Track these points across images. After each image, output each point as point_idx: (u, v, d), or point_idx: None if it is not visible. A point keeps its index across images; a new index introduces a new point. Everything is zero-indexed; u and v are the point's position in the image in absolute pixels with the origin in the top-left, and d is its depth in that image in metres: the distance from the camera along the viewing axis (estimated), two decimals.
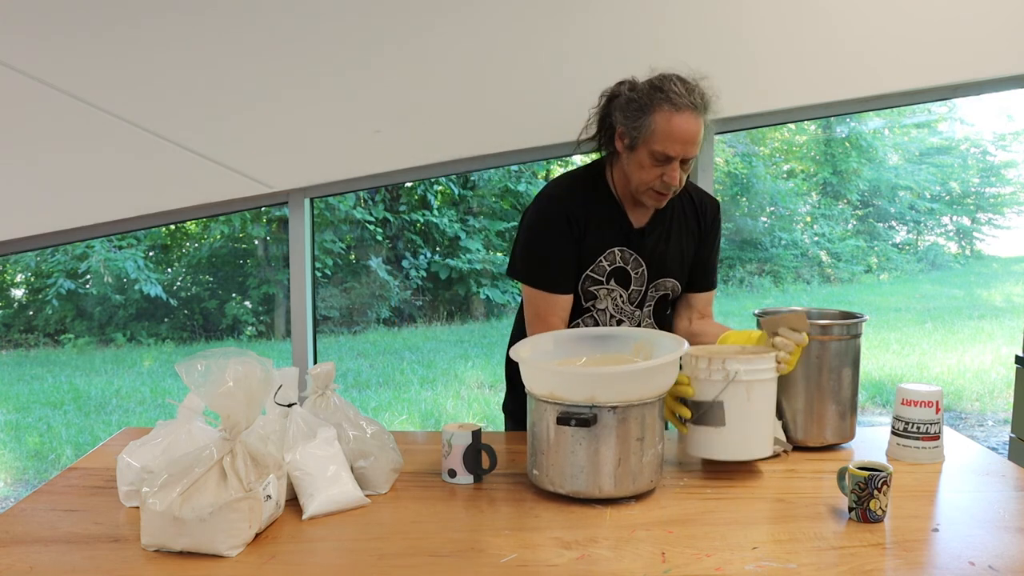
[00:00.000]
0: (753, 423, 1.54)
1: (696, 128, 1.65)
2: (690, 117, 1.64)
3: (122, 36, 2.11)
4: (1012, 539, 1.29)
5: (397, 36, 2.16)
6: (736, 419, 1.52)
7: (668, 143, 1.65)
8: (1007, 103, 15.37)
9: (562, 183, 1.84)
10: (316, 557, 1.25)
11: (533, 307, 1.82)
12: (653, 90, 1.67)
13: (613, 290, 1.82)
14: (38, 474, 5.11)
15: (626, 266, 1.81)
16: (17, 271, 9.38)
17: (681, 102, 1.63)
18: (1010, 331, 8.93)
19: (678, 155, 1.66)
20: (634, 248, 1.81)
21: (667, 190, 1.71)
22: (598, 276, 1.80)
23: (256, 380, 1.28)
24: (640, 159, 1.70)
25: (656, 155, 1.66)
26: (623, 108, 1.70)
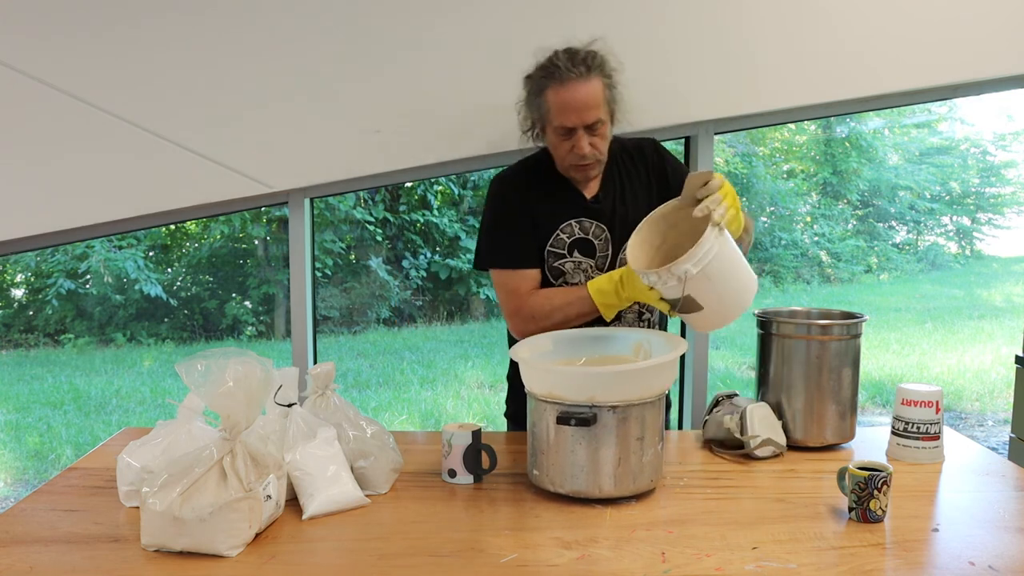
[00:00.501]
0: (726, 292, 1.55)
1: (585, 93, 1.66)
2: (577, 85, 1.65)
3: (122, 36, 2.11)
4: (1012, 539, 1.30)
5: (397, 36, 2.16)
6: (710, 299, 1.53)
7: (563, 116, 1.67)
8: (1007, 103, 15.37)
9: (512, 167, 1.88)
10: (316, 557, 1.25)
11: (504, 287, 1.81)
12: (540, 71, 1.70)
13: (580, 261, 1.81)
14: (38, 474, 5.11)
15: (587, 235, 1.81)
16: (17, 271, 9.38)
17: (565, 75, 1.65)
18: (1010, 331, 8.93)
19: (576, 124, 1.68)
20: (592, 216, 1.81)
21: (582, 160, 1.72)
22: (559, 250, 1.81)
23: (256, 380, 1.28)
24: (551, 140, 1.74)
25: (559, 131, 1.70)
26: (526, 98, 1.75)
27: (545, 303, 1.76)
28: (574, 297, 1.72)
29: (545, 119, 1.72)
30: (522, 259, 1.80)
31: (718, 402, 1.81)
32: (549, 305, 1.75)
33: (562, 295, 1.75)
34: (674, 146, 2.34)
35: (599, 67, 1.68)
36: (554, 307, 1.74)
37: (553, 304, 1.75)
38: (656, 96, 2.27)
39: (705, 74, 2.24)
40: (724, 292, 1.55)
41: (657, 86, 2.26)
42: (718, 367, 7.37)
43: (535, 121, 1.76)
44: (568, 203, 1.81)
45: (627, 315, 1.86)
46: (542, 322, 1.75)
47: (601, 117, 1.69)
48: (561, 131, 1.70)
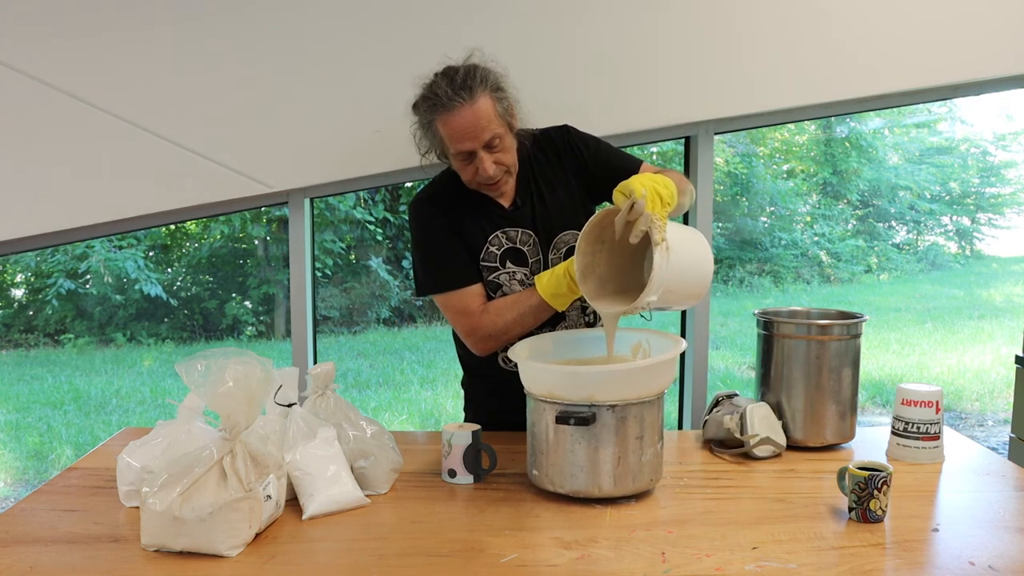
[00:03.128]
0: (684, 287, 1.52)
1: (473, 116, 1.61)
2: (463, 110, 1.60)
3: (122, 36, 2.11)
4: (1012, 539, 1.30)
5: (397, 36, 2.16)
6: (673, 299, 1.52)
7: (458, 143, 1.64)
8: (1007, 103, 15.36)
9: (425, 190, 1.84)
10: (316, 557, 1.25)
11: (452, 309, 1.77)
12: (424, 102, 1.66)
13: (514, 271, 1.78)
14: (38, 474, 5.11)
15: (515, 244, 1.78)
16: (17, 271, 9.38)
17: (448, 103, 1.61)
18: (1010, 331, 8.93)
19: (474, 148, 1.64)
20: (514, 224, 1.78)
21: (489, 180, 1.69)
22: (492, 263, 1.78)
23: (256, 380, 1.28)
24: (455, 164, 1.71)
25: (460, 156, 1.67)
26: (419, 129, 1.71)
27: (499, 320, 1.72)
28: (525, 307, 1.70)
29: (443, 148, 1.69)
30: (462, 278, 1.76)
31: (718, 402, 1.81)
32: (503, 321, 1.72)
33: (513, 308, 1.72)
34: (674, 146, 2.33)
35: (482, 83, 1.62)
36: (509, 322, 1.71)
37: (507, 319, 1.71)
38: (656, 96, 2.27)
39: (705, 74, 2.24)
40: (686, 288, 1.54)
41: (657, 86, 2.26)
42: (718, 367, 7.37)
43: (433, 147, 1.72)
44: (488, 215, 1.78)
45: (570, 313, 1.82)
46: (501, 338, 1.73)
47: (497, 132, 1.64)
48: (462, 156, 1.66)
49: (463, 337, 1.80)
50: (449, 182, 1.80)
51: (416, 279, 1.83)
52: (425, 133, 1.70)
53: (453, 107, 1.60)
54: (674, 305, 1.58)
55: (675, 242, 1.47)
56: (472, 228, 1.77)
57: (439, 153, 1.73)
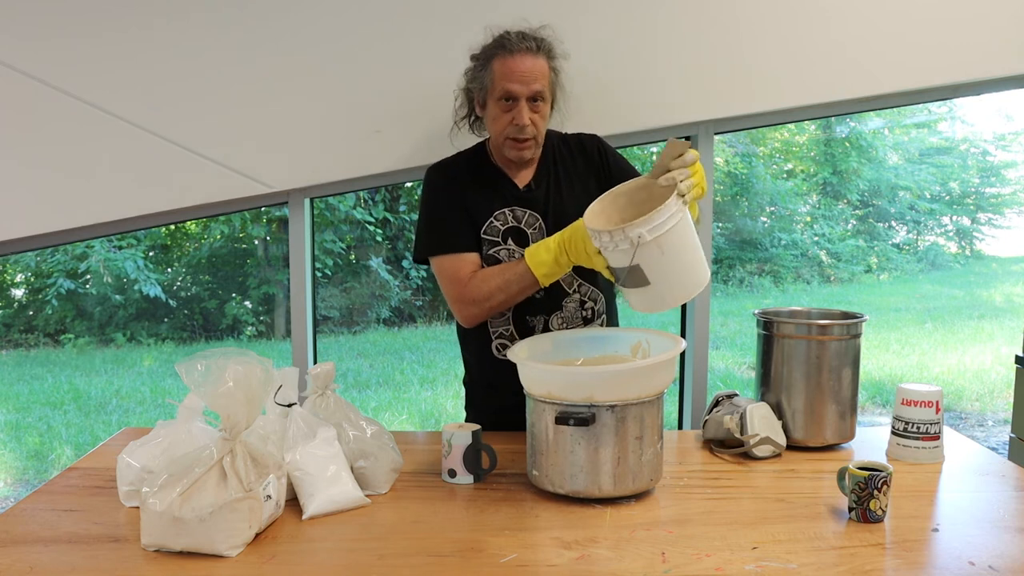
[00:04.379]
0: (676, 271, 1.50)
1: (533, 65, 1.69)
2: (526, 57, 1.69)
3: (122, 36, 2.11)
4: (1012, 539, 1.30)
5: (397, 36, 2.16)
6: (658, 275, 1.48)
7: (507, 82, 1.69)
8: (1007, 103, 15.36)
9: (440, 162, 1.88)
10: (316, 557, 1.25)
11: (445, 273, 1.78)
12: (489, 45, 1.73)
13: (514, 250, 1.80)
14: (38, 474, 5.11)
15: (520, 224, 1.80)
16: (17, 271, 9.37)
17: (515, 46, 1.69)
18: (1010, 331, 8.93)
19: (520, 93, 1.69)
20: (524, 205, 1.81)
21: (520, 134, 1.72)
22: (494, 237, 1.80)
23: (256, 380, 1.28)
24: (491, 111, 1.75)
25: (501, 100, 1.71)
26: (470, 74, 1.77)
27: (483, 285, 1.72)
28: (511, 274, 1.69)
29: (487, 90, 1.73)
30: (460, 243, 1.77)
31: (718, 402, 1.81)
32: (487, 287, 1.71)
33: (499, 274, 1.72)
34: None
35: (547, 50, 1.73)
36: (492, 288, 1.71)
37: (491, 285, 1.71)
38: (656, 96, 2.27)
39: (705, 74, 2.24)
40: (674, 270, 1.50)
41: (657, 86, 2.26)
42: (718, 367, 7.36)
43: (476, 97, 1.77)
44: (500, 192, 1.81)
45: (568, 304, 1.83)
46: (484, 304, 1.73)
47: (544, 93, 1.71)
48: (505, 98, 1.70)
49: (451, 303, 1.80)
50: (471, 157, 1.85)
51: (416, 242, 1.86)
52: (475, 77, 1.75)
53: (517, 50, 1.70)
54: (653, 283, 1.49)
55: (688, 221, 1.49)
56: (480, 199, 1.80)
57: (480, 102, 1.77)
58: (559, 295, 1.83)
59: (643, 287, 1.50)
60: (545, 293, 1.80)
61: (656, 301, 1.52)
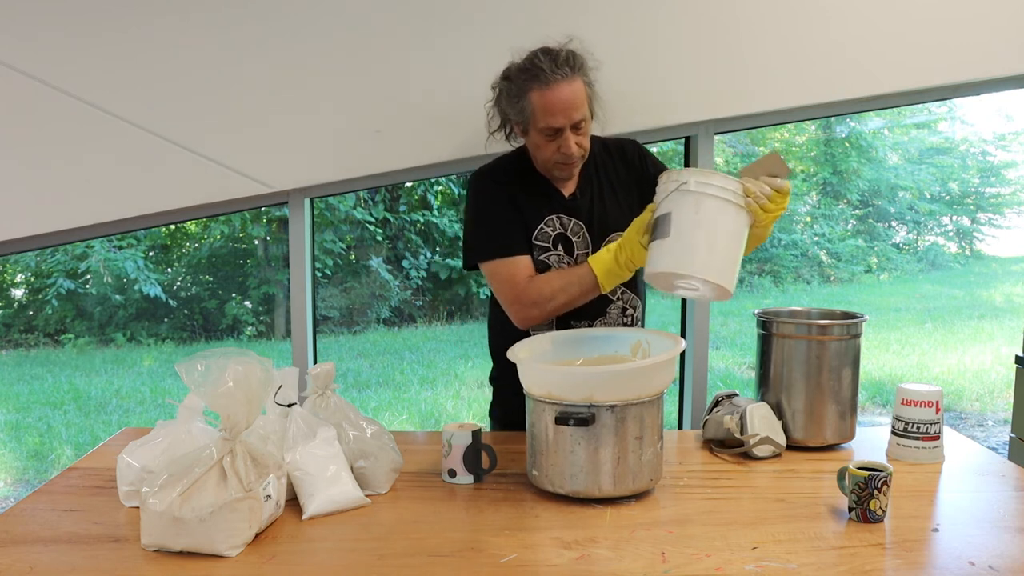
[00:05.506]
0: (700, 236, 1.45)
1: (570, 94, 1.67)
2: (562, 86, 1.66)
3: (122, 36, 2.11)
4: (1012, 539, 1.30)
5: (397, 36, 2.16)
6: (680, 230, 1.44)
7: (550, 117, 1.68)
8: (1007, 103, 15.36)
9: (489, 164, 1.88)
10: (316, 557, 1.25)
11: (499, 276, 1.79)
12: (521, 73, 1.70)
13: (562, 256, 1.82)
14: (38, 474, 5.11)
15: (566, 232, 1.81)
16: (17, 271, 9.37)
17: (548, 76, 1.66)
18: (1010, 331, 8.93)
19: (563, 125, 1.69)
20: (570, 213, 1.82)
21: (569, 160, 1.73)
22: (544, 243, 1.81)
23: (256, 380, 1.28)
24: (535, 140, 1.74)
25: (545, 132, 1.70)
26: (505, 98, 1.74)
27: (545, 287, 1.73)
28: (573, 276, 1.72)
29: (528, 121, 1.72)
30: (513, 246, 1.78)
31: (718, 402, 1.81)
32: (549, 288, 1.73)
33: (561, 277, 1.74)
34: (674, 146, 2.34)
35: (580, 67, 1.70)
36: (555, 289, 1.72)
37: (553, 287, 1.73)
38: (656, 96, 2.27)
39: (705, 74, 2.24)
40: (697, 237, 1.46)
41: (657, 86, 2.26)
42: (718, 367, 7.36)
43: (514, 122, 1.76)
44: (547, 200, 1.82)
45: (611, 311, 1.85)
46: (545, 306, 1.74)
47: (586, 115, 1.71)
48: (548, 132, 1.70)
49: (507, 307, 1.79)
50: (514, 163, 1.85)
51: (465, 249, 1.86)
52: (511, 104, 1.73)
53: (553, 81, 1.66)
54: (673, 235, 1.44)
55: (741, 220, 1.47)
56: (530, 205, 1.81)
57: (519, 127, 1.76)
58: (604, 301, 1.84)
59: (663, 239, 1.47)
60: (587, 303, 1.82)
61: (666, 257, 1.46)
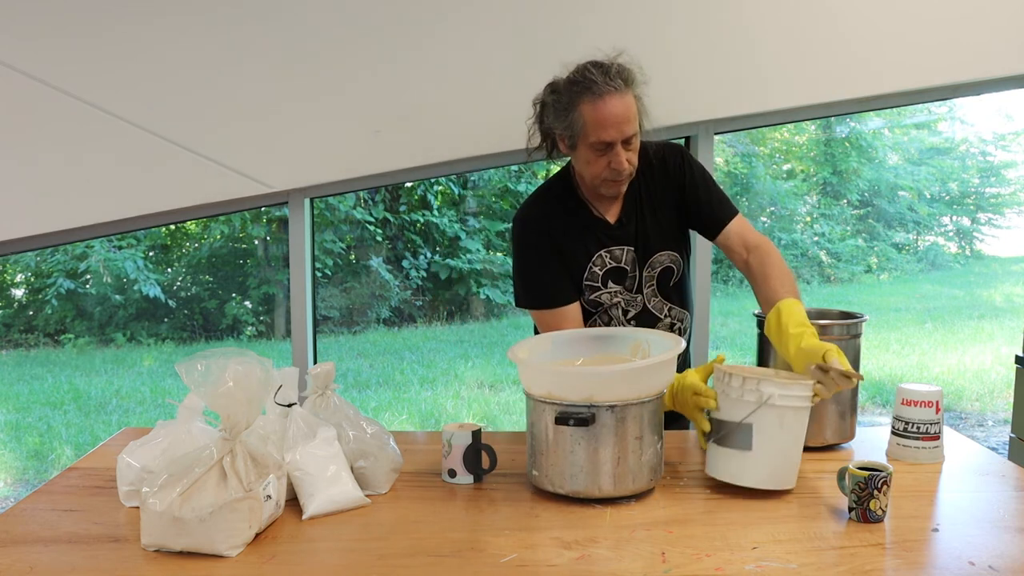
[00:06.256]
0: (782, 451, 1.47)
1: (623, 107, 1.64)
2: (614, 99, 1.63)
3: (122, 36, 2.11)
4: (1012, 539, 1.29)
5: (397, 36, 2.16)
6: (764, 445, 1.45)
7: (601, 131, 1.65)
8: (1007, 103, 15.37)
9: (531, 203, 1.86)
10: (316, 557, 1.25)
11: (546, 326, 1.81)
12: (572, 85, 1.67)
13: (615, 291, 1.83)
14: (38, 474, 5.11)
15: (618, 263, 1.81)
16: (17, 271, 9.38)
17: (601, 88, 1.63)
18: (1010, 331, 8.93)
19: (615, 139, 1.66)
20: (617, 242, 1.81)
21: (619, 176, 1.71)
22: (594, 283, 1.81)
23: (256, 380, 1.28)
24: (584, 155, 1.71)
25: (596, 146, 1.67)
26: (552, 112, 1.71)
27: None
28: None
29: (578, 135, 1.68)
30: (556, 299, 1.80)
31: None
32: None
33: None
34: None
35: (631, 81, 1.67)
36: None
37: None
38: (656, 96, 2.26)
39: (705, 74, 2.24)
40: (781, 447, 1.46)
41: (657, 86, 2.25)
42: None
43: (561, 137, 1.72)
44: (593, 233, 1.80)
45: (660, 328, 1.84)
46: None
47: (635, 130, 1.68)
48: (599, 146, 1.67)
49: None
50: (554, 194, 1.82)
51: (515, 292, 1.87)
52: (559, 117, 1.69)
53: (606, 93, 1.62)
54: (755, 449, 1.45)
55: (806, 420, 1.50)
56: (575, 247, 1.79)
57: (566, 142, 1.71)
58: (652, 322, 1.84)
59: (742, 450, 1.46)
60: (637, 320, 1.83)
61: (744, 471, 1.46)
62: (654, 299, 1.86)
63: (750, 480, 1.46)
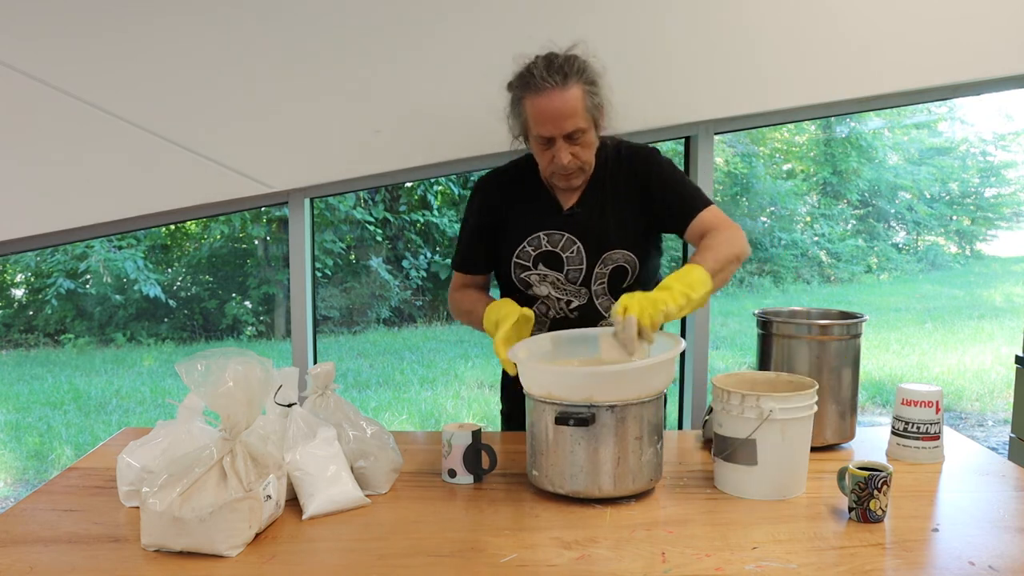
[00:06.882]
0: (788, 462, 1.48)
1: (562, 103, 1.62)
2: (553, 94, 1.62)
3: (122, 36, 2.11)
4: (1012, 539, 1.30)
5: (397, 36, 2.16)
6: (770, 458, 1.46)
7: (540, 126, 1.66)
8: (1007, 103, 15.38)
9: (497, 171, 1.90)
10: (316, 557, 1.25)
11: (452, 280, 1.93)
12: (518, 79, 1.69)
13: (546, 274, 1.80)
14: (38, 474, 5.11)
15: (555, 248, 1.79)
16: (17, 271, 9.38)
17: (538, 84, 1.63)
18: (1010, 331, 8.93)
19: (553, 134, 1.66)
20: (564, 228, 1.79)
21: (564, 170, 1.71)
22: (524, 261, 1.81)
23: (256, 380, 1.28)
24: (534, 148, 1.74)
25: (538, 140, 1.69)
26: (509, 108, 1.74)
27: (458, 305, 1.89)
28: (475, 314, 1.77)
29: (526, 129, 1.71)
30: (470, 266, 1.89)
31: None
32: (460, 307, 1.88)
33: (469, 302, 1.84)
34: (674, 146, 2.33)
35: (578, 73, 1.64)
36: (461, 311, 1.87)
37: (461, 309, 1.87)
38: (656, 96, 2.27)
39: (705, 74, 2.24)
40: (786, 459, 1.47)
41: (657, 86, 2.26)
42: (718, 367, 7.36)
43: (518, 128, 1.75)
44: (541, 213, 1.80)
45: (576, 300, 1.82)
46: (460, 318, 1.90)
47: (581, 126, 1.65)
48: (541, 141, 1.69)
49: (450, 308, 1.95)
50: (523, 168, 1.84)
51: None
52: (513, 111, 1.73)
53: (543, 89, 1.62)
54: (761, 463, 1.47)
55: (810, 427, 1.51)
56: (519, 221, 1.81)
57: (522, 135, 1.75)
58: (596, 318, 1.83)
59: (748, 465, 1.47)
60: (579, 314, 1.82)
61: (752, 485, 1.47)
62: (603, 297, 1.82)
63: (759, 493, 1.47)
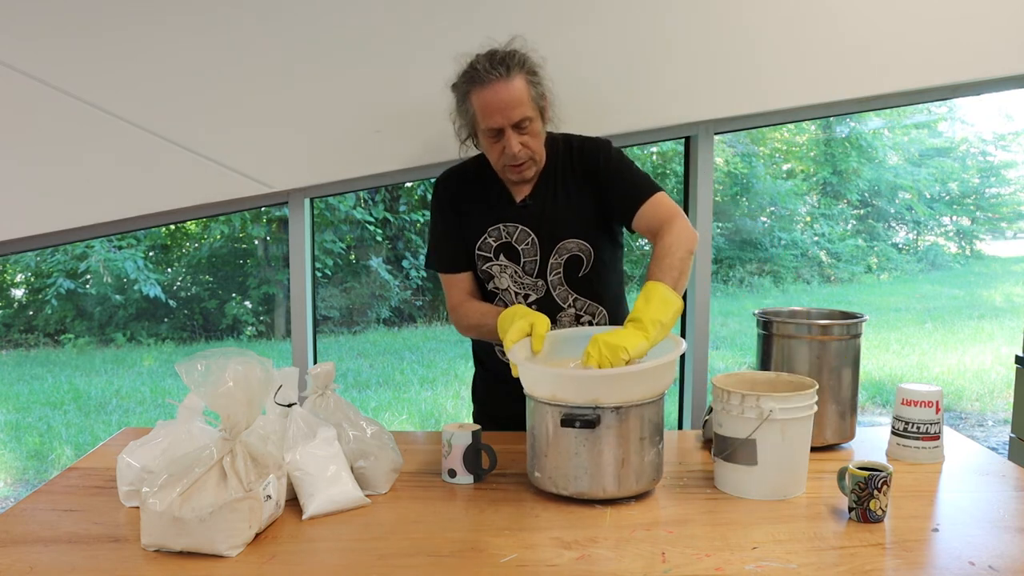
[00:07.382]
0: (788, 462, 1.48)
1: (508, 93, 1.66)
2: (498, 85, 1.66)
3: (122, 36, 2.11)
4: (1012, 539, 1.30)
5: (397, 36, 2.16)
6: (770, 458, 1.46)
7: (488, 118, 1.68)
8: (1007, 103, 15.37)
9: (454, 168, 1.91)
10: (316, 557, 1.25)
11: (444, 287, 1.90)
12: (462, 77, 1.71)
13: (506, 265, 1.83)
14: (38, 474, 5.11)
15: (511, 240, 1.82)
16: (17, 271, 9.38)
17: (483, 77, 1.66)
18: (1010, 331, 8.93)
19: (502, 124, 1.68)
20: (517, 220, 1.82)
21: (515, 161, 1.73)
22: (486, 253, 1.84)
23: (256, 380, 1.28)
24: (484, 144, 1.76)
25: (488, 134, 1.71)
26: (455, 108, 1.76)
27: (463, 320, 1.86)
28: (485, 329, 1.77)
29: (474, 123, 1.73)
30: (452, 264, 1.88)
31: None
32: (466, 323, 1.85)
33: (478, 319, 1.81)
34: (674, 146, 2.33)
35: (520, 65, 1.68)
36: (470, 326, 1.84)
37: (470, 322, 1.84)
38: (656, 96, 2.27)
39: (705, 74, 2.24)
40: (786, 459, 1.47)
41: (657, 86, 2.26)
42: (718, 367, 7.36)
43: (467, 127, 1.76)
44: (496, 206, 1.83)
45: (563, 319, 1.85)
46: (467, 333, 1.89)
47: (528, 115, 1.69)
48: (490, 134, 1.70)
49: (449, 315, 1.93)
50: (477, 164, 1.86)
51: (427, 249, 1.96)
52: (460, 109, 1.74)
53: (488, 81, 1.66)
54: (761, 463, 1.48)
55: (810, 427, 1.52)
56: (476, 214, 1.84)
57: (471, 132, 1.77)
58: (554, 310, 1.83)
59: (748, 465, 1.47)
60: (538, 306, 1.82)
61: (753, 485, 1.47)
62: (560, 287, 1.84)
63: (759, 493, 1.47)
